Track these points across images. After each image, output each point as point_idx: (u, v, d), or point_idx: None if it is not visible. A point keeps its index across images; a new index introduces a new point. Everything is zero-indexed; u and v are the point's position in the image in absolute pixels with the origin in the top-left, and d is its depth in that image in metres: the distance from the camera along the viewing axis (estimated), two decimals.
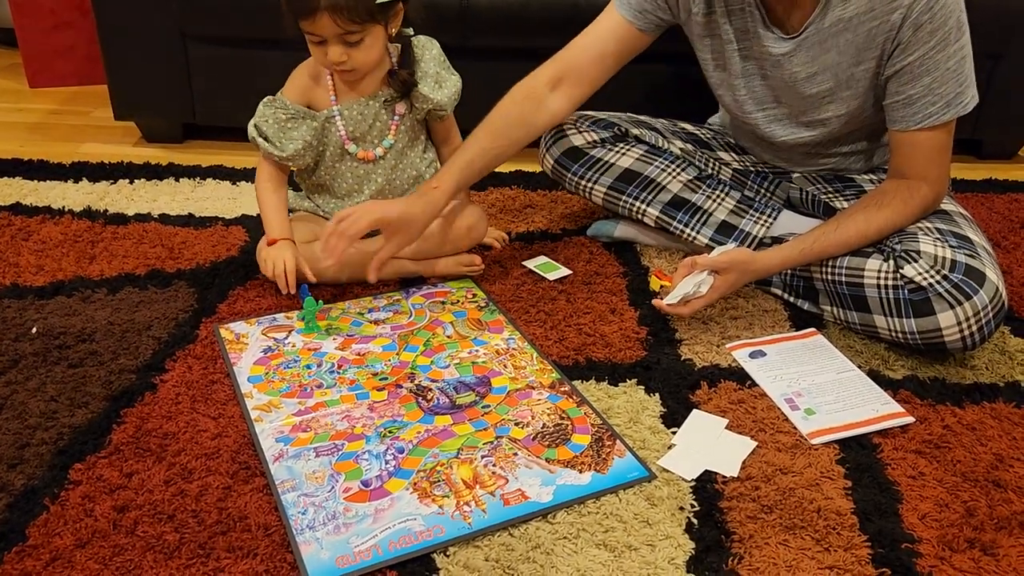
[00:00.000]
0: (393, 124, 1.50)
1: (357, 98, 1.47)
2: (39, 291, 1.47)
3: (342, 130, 1.48)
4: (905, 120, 1.33)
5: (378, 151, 1.50)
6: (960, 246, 1.32)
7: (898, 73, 1.31)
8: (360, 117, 1.48)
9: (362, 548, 0.98)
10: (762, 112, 1.51)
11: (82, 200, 1.83)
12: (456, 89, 1.52)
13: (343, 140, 1.48)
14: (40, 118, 2.39)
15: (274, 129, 1.45)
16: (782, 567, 0.98)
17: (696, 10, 1.46)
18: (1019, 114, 2.13)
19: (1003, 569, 0.98)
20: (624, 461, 1.12)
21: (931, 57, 1.28)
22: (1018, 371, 1.34)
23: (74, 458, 1.10)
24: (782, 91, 1.46)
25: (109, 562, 0.95)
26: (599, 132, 1.61)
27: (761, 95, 1.49)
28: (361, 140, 1.50)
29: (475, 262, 1.56)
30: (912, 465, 1.14)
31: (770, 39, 1.40)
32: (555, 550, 0.99)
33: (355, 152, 1.49)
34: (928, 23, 1.26)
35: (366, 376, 1.28)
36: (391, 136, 1.50)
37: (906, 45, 1.28)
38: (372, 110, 1.48)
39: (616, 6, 1.49)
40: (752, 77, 1.48)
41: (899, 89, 1.32)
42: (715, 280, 1.36)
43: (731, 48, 1.46)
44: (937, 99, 1.30)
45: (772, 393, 1.27)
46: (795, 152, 1.55)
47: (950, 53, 1.28)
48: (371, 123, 1.49)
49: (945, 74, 1.29)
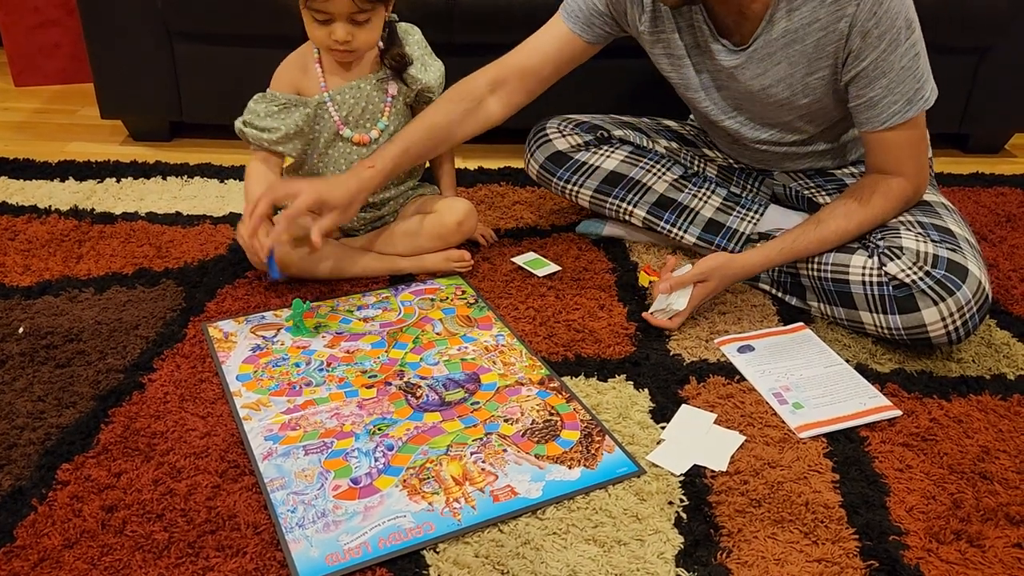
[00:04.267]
0: (386, 106, 1.50)
1: (347, 82, 1.47)
2: (26, 291, 1.46)
3: (335, 115, 1.47)
4: (871, 122, 1.33)
5: (373, 133, 1.50)
6: (942, 240, 1.32)
7: (855, 79, 1.31)
8: (353, 100, 1.48)
9: (352, 546, 0.98)
10: (728, 118, 1.51)
11: (69, 199, 1.82)
12: (441, 73, 1.53)
13: (337, 125, 1.48)
14: (26, 117, 2.37)
15: (265, 121, 1.45)
16: (771, 560, 0.98)
17: (643, 28, 1.46)
18: (1005, 108, 2.14)
19: (989, 560, 0.99)
20: (613, 456, 1.13)
21: (884, 60, 1.27)
22: (1004, 364, 1.35)
23: (62, 458, 1.10)
24: (742, 100, 1.46)
25: (98, 562, 0.95)
26: (583, 135, 1.61)
27: (723, 105, 1.50)
28: (355, 124, 1.50)
29: (464, 258, 1.56)
30: (899, 458, 1.14)
31: (721, 53, 1.40)
32: (545, 546, 0.99)
33: (350, 136, 1.49)
34: (875, 28, 1.25)
35: (355, 374, 1.28)
36: (385, 118, 1.50)
37: (857, 52, 1.28)
38: (364, 92, 1.48)
39: (562, 17, 1.49)
40: (710, 88, 1.48)
41: (859, 93, 1.32)
42: (694, 289, 1.38)
43: (686, 63, 1.47)
44: (898, 98, 1.30)
45: (760, 387, 1.27)
46: (769, 154, 1.56)
47: (902, 52, 1.27)
48: (364, 106, 1.49)
49: (901, 73, 1.28)
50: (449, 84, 1.54)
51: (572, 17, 1.48)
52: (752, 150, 1.57)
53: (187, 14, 1.96)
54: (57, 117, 2.38)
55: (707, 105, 1.50)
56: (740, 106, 1.48)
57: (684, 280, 1.37)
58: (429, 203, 1.58)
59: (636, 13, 1.45)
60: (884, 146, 1.35)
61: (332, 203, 1.36)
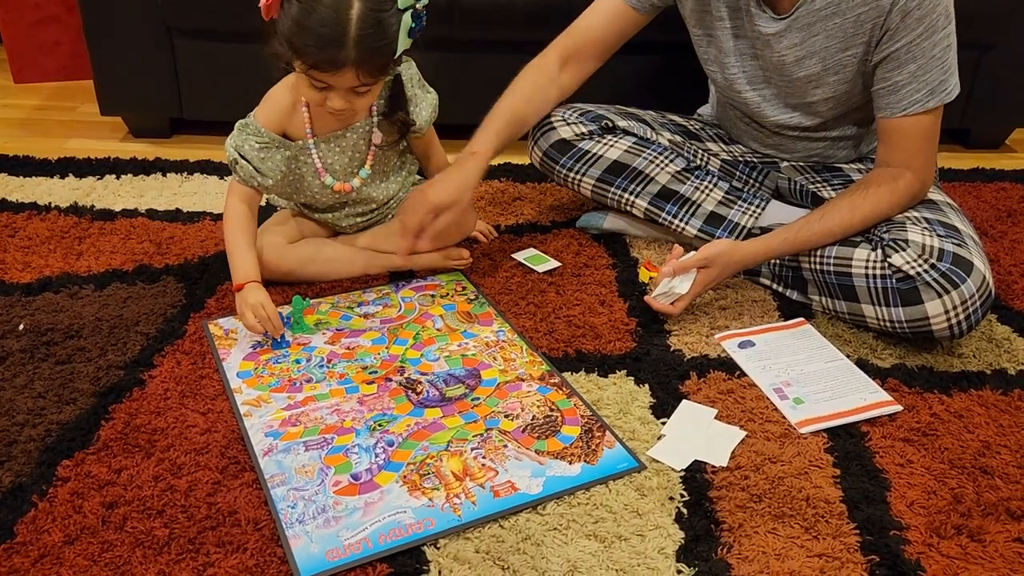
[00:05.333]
0: (370, 154, 1.47)
1: (334, 131, 1.43)
2: (26, 288, 1.46)
3: (318, 163, 1.44)
4: (891, 107, 1.34)
5: (355, 182, 1.47)
6: (948, 235, 1.32)
7: (885, 60, 1.32)
8: (339, 149, 1.44)
9: (352, 541, 0.98)
10: (753, 91, 1.51)
11: (69, 196, 1.82)
12: (432, 107, 1.50)
13: (319, 172, 1.44)
14: (26, 114, 2.37)
15: (254, 155, 1.39)
16: (771, 556, 0.98)
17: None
18: (1006, 104, 2.14)
19: (990, 555, 0.99)
20: (614, 452, 1.13)
21: (918, 44, 1.28)
22: (1005, 359, 1.35)
23: (62, 455, 1.10)
24: (772, 72, 1.47)
25: (98, 558, 0.95)
26: (587, 124, 1.61)
27: (752, 74, 1.50)
28: (336, 172, 1.46)
29: (463, 255, 1.56)
30: (900, 453, 1.14)
31: (762, 18, 1.41)
32: (545, 541, 0.99)
33: (331, 184, 1.45)
34: (916, 10, 1.26)
35: (356, 370, 1.28)
36: (367, 167, 1.47)
37: (894, 31, 1.29)
38: (350, 142, 1.44)
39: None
40: (744, 56, 1.49)
41: (885, 76, 1.33)
42: (697, 275, 1.37)
43: (723, 25, 1.48)
44: (922, 86, 1.31)
45: (761, 383, 1.27)
46: (784, 137, 1.56)
47: (936, 40, 1.28)
48: (346, 155, 1.45)
49: (931, 62, 1.29)
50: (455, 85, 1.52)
51: None
52: (765, 132, 1.57)
53: (187, 11, 1.96)
54: (57, 114, 2.37)
55: (735, 72, 1.51)
56: (769, 79, 1.48)
57: (687, 264, 1.37)
58: None
59: None
60: (899, 134, 1.35)
61: (444, 204, 1.39)
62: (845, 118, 1.50)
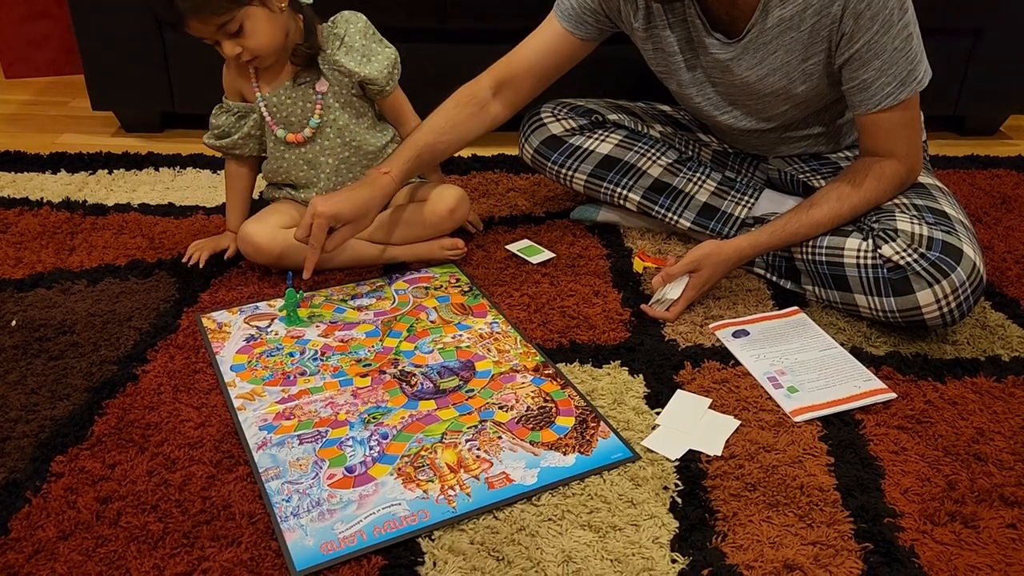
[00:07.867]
0: (317, 103, 1.48)
1: (280, 85, 1.47)
2: (18, 283, 1.46)
3: (267, 115, 1.49)
4: (864, 104, 1.33)
5: (305, 132, 1.49)
6: (937, 222, 1.32)
7: (848, 61, 1.31)
8: (287, 102, 1.48)
9: (347, 534, 0.98)
10: (722, 114, 1.51)
11: (60, 191, 1.81)
12: (389, 62, 1.48)
13: (270, 126, 1.49)
14: (16, 109, 2.36)
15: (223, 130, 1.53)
16: (766, 544, 0.98)
17: (637, 24, 1.46)
18: (1000, 90, 2.14)
19: (983, 541, 0.99)
20: (608, 442, 1.13)
21: (877, 41, 1.27)
22: (998, 345, 1.35)
23: (56, 450, 1.09)
24: (736, 94, 1.45)
25: (92, 553, 0.95)
26: (577, 119, 1.61)
27: (716, 101, 1.49)
28: (288, 124, 1.50)
29: (458, 245, 1.56)
30: (894, 441, 1.14)
31: (715, 46, 1.40)
32: (540, 532, 0.99)
33: (283, 136, 1.49)
34: (867, 10, 1.25)
35: (349, 363, 1.28)
36: (316, 116, 1.49)
37: (851, 34, 1.28)
38: (297, 93, 1.48)
39: (556, 16, 1.49)
40: (703, 85, 1.48)
41: (852, 75, 1.32)
42: (689, 279, 1.38)
43: (677, 60, 1.46)
44: (891, 79, 1.29)
45: (755, 372, 1.27)
46: (765, 139, 1.55)
47: (895, 34, 1.27)
48: (297, 106, 1.48)
49: (893, 55, 1.28)
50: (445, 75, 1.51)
51: (564, 15, 1.48)
52: (747, 137, 1.56)
53: None
54: (48, 109, 2.36)
55: (700, 102, 1.50)
56: (735, 101, 1.47)
57: (675, 272, 1.38)
58: (421, 191, 1.57)
59: (630, 10, 1.44)
60: (877, 128, 1.35)
61: (345, 217, 1.37)
62: (823, 113, 1.49)
